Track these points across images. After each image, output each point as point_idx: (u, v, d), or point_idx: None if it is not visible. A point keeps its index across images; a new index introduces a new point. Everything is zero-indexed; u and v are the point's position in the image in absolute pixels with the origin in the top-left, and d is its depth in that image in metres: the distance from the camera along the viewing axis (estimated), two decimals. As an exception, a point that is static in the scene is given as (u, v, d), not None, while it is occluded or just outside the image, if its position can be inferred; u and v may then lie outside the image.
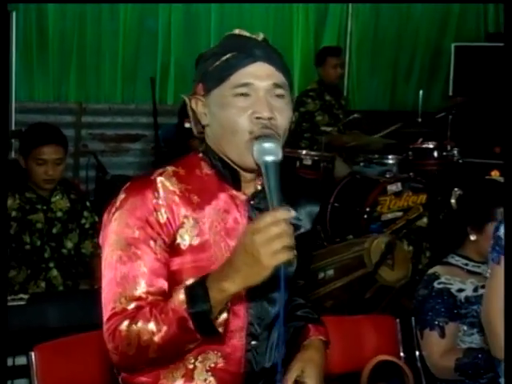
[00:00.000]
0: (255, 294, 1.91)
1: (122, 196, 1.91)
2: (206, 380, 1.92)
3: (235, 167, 1.95)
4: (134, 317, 1.79)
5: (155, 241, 1.86)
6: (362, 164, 6.49)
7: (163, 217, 1.87)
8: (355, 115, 6.69)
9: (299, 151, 6.25)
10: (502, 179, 3.75)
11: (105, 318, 1.85)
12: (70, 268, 3.93)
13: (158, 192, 1.88)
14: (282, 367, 1.98)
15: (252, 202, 1.97)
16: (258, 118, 1.87)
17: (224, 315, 1.76)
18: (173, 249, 1.89)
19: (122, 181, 2.00)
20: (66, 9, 7.44)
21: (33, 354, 2.38)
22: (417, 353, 3.04)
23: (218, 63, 1.91)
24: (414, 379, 2.87)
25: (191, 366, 1.92)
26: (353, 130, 6.89)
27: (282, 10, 8.42)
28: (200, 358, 1.92)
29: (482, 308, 2.58)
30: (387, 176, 6.00)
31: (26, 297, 3.35)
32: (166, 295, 1.84)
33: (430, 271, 3.10)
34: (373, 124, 6.96)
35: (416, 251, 5.04)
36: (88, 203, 4.06)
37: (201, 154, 2.01)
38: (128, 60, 7.77)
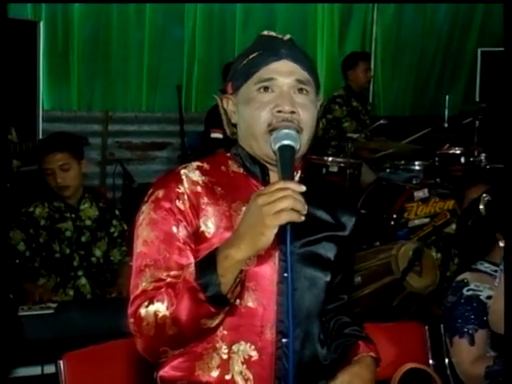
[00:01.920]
0: (286, 288, 1.85)
1: (149, 191, 1.99)
2: (241, 373, 1.90)
3: (263, 162, 1.98)
4: (152, 297, 1.82)
5: (177, 227, 1.90)
6: (388, 170, 6.47)
7: (185, 204, 1.92)
8: (382, 121, 6.66)
9: (325, 158, 6.22)
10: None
11: (129, 303, 1.88)
12: (98, 276, 3.94)
13: (181, 182, 1.94)
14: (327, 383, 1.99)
15: None
16: (279, 111, 1.90)
17: (238, 288, 1.77)
18: (197, 236, 1.92)
19: (148, 189, 2.04)
20: (91, 18, 7.47)
21: (61, 362, 2.37)
22: (446, 360, 3.01)
23: (245, 62, 1.98)
24: (443, 387, 2.85)
25: (225, 357, 1.90)
26: (379, 136, 6.87)
27: (307, 17, 8.41)
28: (234, 349, 1.90)
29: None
30: (414, 182, 5.99)
31: (53, 305, 3.37)
32: None
33: (459, 278, 3.06)
34: (399, 130, 6.94)
35: (444, 258, 4.99)
36: (117, 211, 4.08)
37: (228, 154, 2.05)
38: (153, 68, 7.77)
